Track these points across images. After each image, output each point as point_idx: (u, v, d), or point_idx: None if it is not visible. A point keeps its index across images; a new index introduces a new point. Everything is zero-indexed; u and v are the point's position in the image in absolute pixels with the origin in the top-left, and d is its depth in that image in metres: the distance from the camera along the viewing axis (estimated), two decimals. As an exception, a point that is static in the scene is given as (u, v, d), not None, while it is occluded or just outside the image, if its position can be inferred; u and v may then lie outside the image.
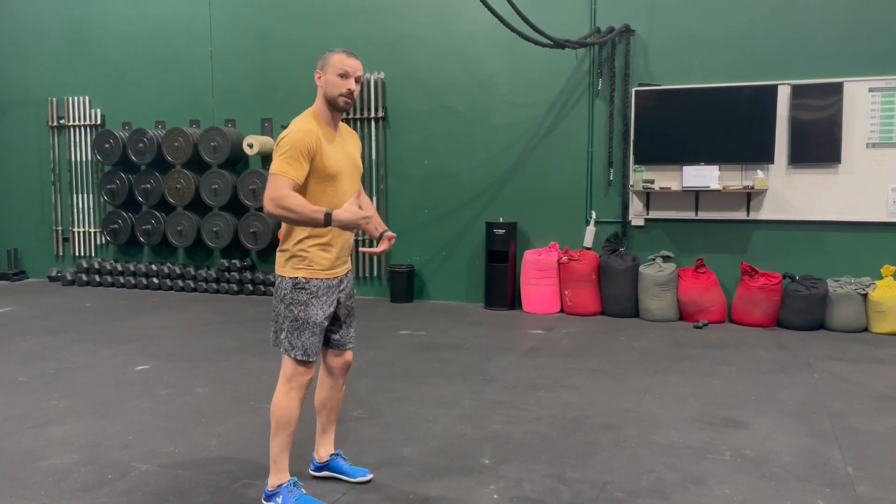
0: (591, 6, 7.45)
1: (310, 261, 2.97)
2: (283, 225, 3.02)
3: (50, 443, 3.79)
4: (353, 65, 3.01)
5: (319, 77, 3.02)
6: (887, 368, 5.29)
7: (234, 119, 8.86)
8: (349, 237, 3.11)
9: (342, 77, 2.98)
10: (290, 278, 2.98)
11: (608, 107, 7.44)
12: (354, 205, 2.83)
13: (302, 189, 2.92)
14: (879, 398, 4.55)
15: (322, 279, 3.00)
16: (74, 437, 3.87)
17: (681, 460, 3.56)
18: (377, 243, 3.20)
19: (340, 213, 2.79)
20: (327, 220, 2.79)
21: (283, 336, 2.99)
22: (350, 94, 3.00)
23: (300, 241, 2.97)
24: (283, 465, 3.04)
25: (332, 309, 3.05)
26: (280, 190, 2.81)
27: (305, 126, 2.92)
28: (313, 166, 2.91)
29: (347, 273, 3.17)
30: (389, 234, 3.16)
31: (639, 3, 7.29)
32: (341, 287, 3.11)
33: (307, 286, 2.97)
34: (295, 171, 2.85)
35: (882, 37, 6.66)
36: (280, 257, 3.04)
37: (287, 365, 3.01)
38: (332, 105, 3.02)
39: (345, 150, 3.08)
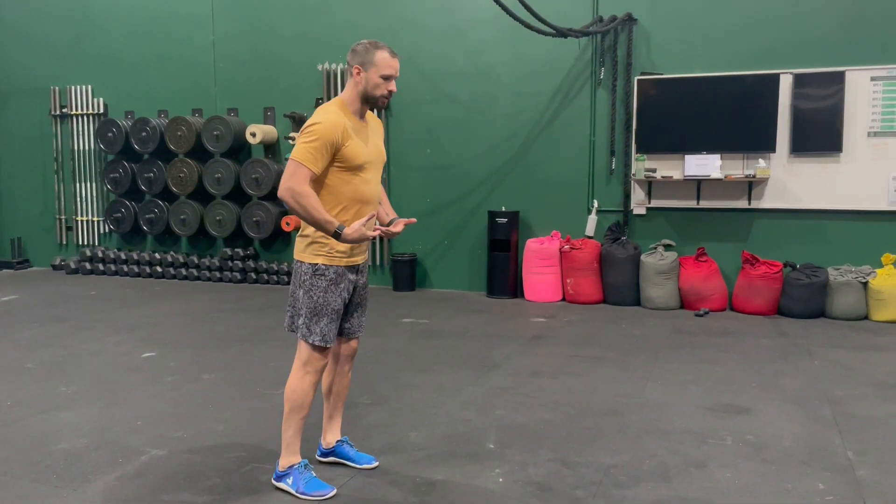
0: (593, -5, 7.46)
1: (330, 247, 2.99)
2: None
3: (60, 428, 3.84)
4: (397, 66, 3.01)
5: (359, 72, 2.97)
6: (887, 356, 5.33)
7: (236, 108, 8.87)
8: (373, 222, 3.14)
9: (386, 79, 2.97)
10: (310, 264, 3.01)
11: (610, 96, 7.46)
12: (362, 223, 2.88)
13: (323, 178, 2.94)
14: (879, 385, 4.60)
15: (341, 266, 3.03)
16: (84, 423, 3.92)
17: (683, 445, 3.61)
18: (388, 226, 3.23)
19: (350, 232, 2.85)
20: (336, 235, 2.86)
21: (300, 322, 3.03)
22: (391, 94, 3.02)
23: None
24: (295, 447, 3.09)
25: (348, 295, 3.08)
26: (301, 184, 2.83)
27: (333, 118, 2.91)
28: (339, 157, 2.93)
29: (364, 262, 3.20)
30: (403, 220, 3.17)
31: (641, -9, 7.31)
32: (358, 276, 3.15)
33: (326, 273, 3.00)
34: (316, 162, 2.86)
35: (884, 26, 6.66)
36: (300, 242, 3.06)
37: (303, 350, 3.05)
38: (370, 102, 3.02)
39: (371, 140, 3.08)
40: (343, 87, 8.25)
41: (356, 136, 2.97)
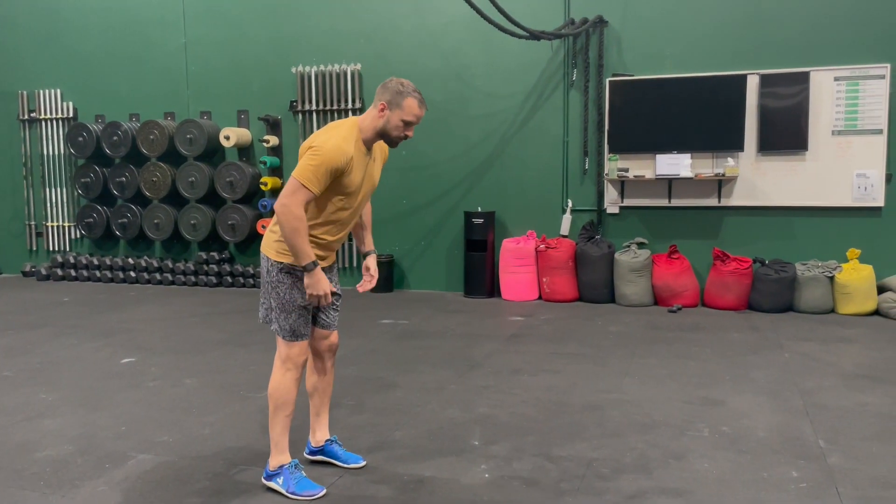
0: (565, -3, 7.57)
1: None
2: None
3: (44, 435, 3.83)
4: (422, 116, 3.05)
5: (383, 109, 2.98)
6: (854, 347, 5.51)
7: (209, 111, 8.83)
8: (342, 239, 3.20)
9: (406, 125, 3.01)
10: (276, 262, 3.04)
11: (583, 97, 7.58)
12: (329, 284, 2.98)
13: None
14: (847, 375, 4.76)
15: None
16: (68, 429, 3.91)
17: (662, 438, 3.71)
18: (363, 258, 3.37)
19: (313, 282, 2.92)
20: (306, 269, 2.91)
21: (272, 316, 3.08)
22: (406, 138, 3.06)
23: None
24: (283, 446, 3.13)
25: None
26: (299, 206, 2.86)
27: (343, 146, 2.91)
28: (334, 182, 2.95)
29: (332, 265, 3.26)
30: (373, 271, 3.30)
31: (612, -6, 7.44)
32: (326, 274, 3.19)
33: (293, 271, 3.03)
34: (318, 186, 2.89)
35: (847, 27, 6.87)
36: (269, 236, 3.08)
37: (281, 346, 3.09)
38: (385, 139, 3.06)
39: (369, 171, 3.12)
40: (318, 91, 8.30)
41: (357, 166, 3.00)
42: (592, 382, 4.67)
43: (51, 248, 9.60)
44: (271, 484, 3.12)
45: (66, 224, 9.52)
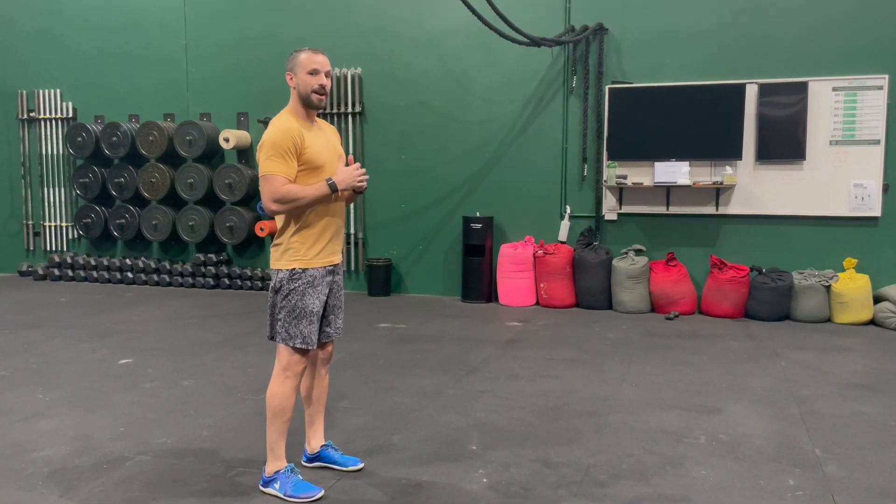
0: (565, 5, 7.59)
1: (305, 251, 3.07)
2: (277, 219, 3.11)
3: (41, 435, 3.82)
4: (321, 61, 3.11)
5: (291, 78, 3.10)
6: (850, 357, 5.53)
7: (209, 113, 8.84)
8: (340, 225, 3.21)
9: (312, 74, 3.08)
10: (287, 270, 3.07)
11: (582, 104, 7.60)
12: (343, 167, 3.13)
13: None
14: (843, 384, 4.78)
15: (317, 268, 3.09)
16: (64, 430, 3.90)
17: (659, 444, 3.72)
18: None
19: (340, 179, 3.05)
20: (333, 188, 3.01)
21: (279, 326, 3.08)
22: (322, 89, 3.11)
23: (294, 233, 3.06)
24: (279, 452, 3.13)
25: (325, 297, 3.15)
26: (277, 189, 2.94)
27: (285, 125, 3.02)
28: (301, 161, 3.02)
29: (339, 264, 3.26)
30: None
31: (612, 2, 7.46)
32: (334, 277, 3.21)
33: (303, 276, 3.06)
34: (285, 167, 2.97)
35: (845, 38, 6.91)
36: (275, 252, 3.12)
37: (283, 354, 3.10)
38: (307, 103, 3.12)
39: (326, 140, 3.19)
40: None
41: (311, 139, 3.08)
42: (590, 388, 4.68)
43: (48, 248, 9.59)
44: (268, 490, 3.12)
45: (64, 224, 9.51)
